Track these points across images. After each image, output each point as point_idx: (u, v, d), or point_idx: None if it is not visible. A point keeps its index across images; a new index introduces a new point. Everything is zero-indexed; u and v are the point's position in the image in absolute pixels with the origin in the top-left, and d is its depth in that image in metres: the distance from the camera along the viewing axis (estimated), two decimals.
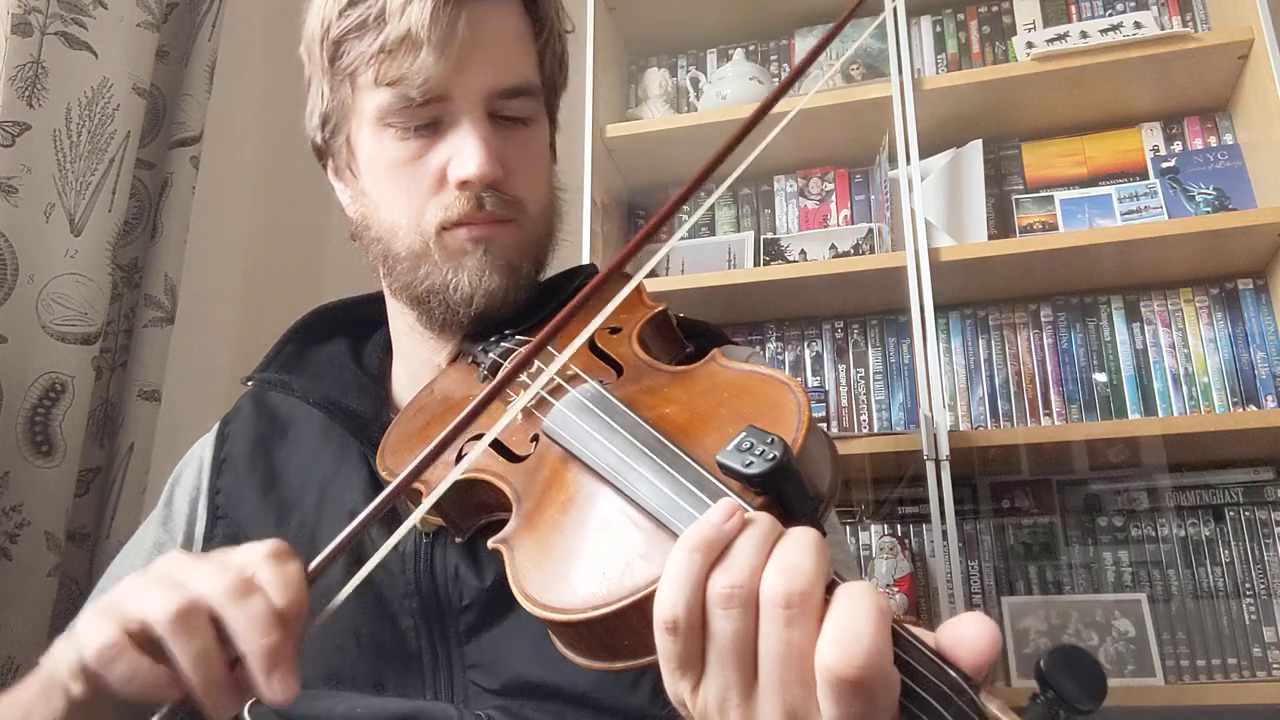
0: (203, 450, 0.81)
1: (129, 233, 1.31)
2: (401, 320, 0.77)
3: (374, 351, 0.83)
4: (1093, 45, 1.59)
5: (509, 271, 0.70)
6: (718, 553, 0.38)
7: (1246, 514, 1.53)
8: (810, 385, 1.75)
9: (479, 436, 0.60)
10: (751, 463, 0.44)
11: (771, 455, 0.43)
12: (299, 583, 0.46)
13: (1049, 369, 1.65)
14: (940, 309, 1.66)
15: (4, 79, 1.10)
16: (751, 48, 1.98)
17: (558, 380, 0.60)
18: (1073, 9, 1.80)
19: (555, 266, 0.79)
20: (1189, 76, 1.61)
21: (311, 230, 1.91)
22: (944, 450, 1.43)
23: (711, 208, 1.91)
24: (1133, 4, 1.77)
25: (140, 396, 1.29)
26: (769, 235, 1.83)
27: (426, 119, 0.68)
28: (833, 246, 1.75)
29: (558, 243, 0.77)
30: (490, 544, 0.52)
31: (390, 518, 0.69)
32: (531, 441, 0.58)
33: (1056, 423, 1.61)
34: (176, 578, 0.45)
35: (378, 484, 0.70)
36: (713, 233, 1.90)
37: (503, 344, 0.70)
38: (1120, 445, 1.53)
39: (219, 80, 1.44)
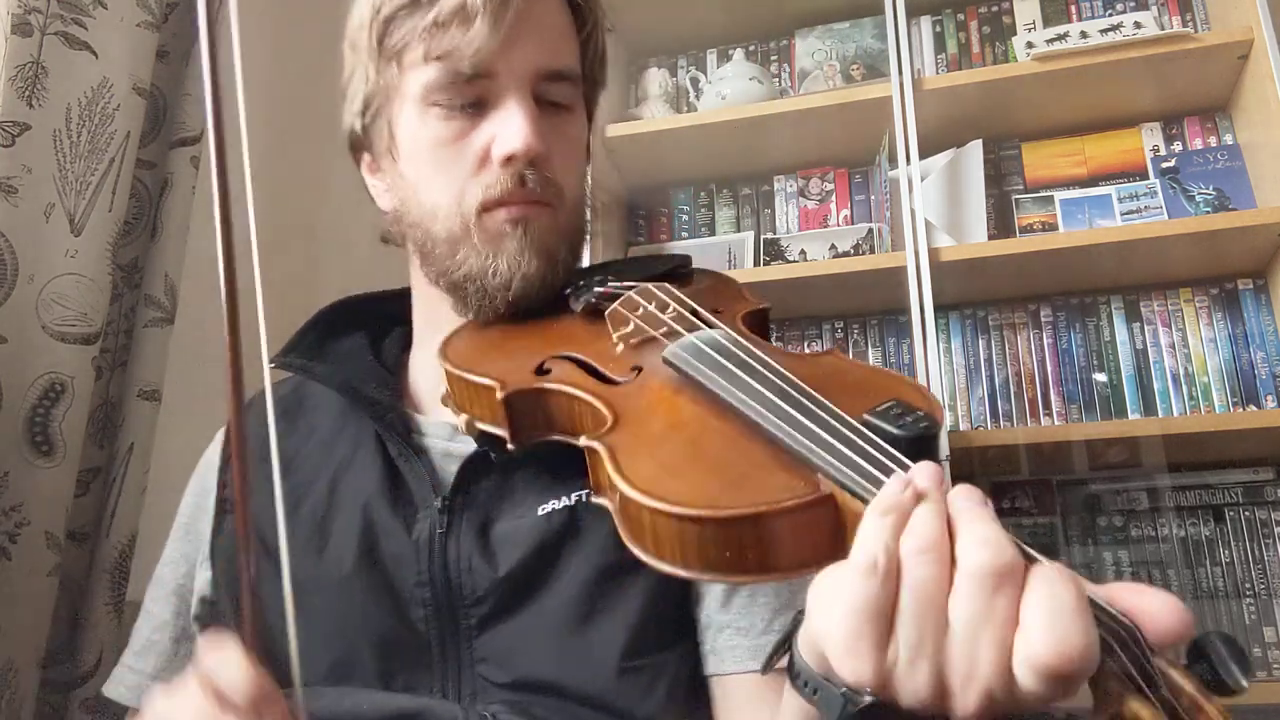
0: (211, 451, 0.82)
1: (129, 233, 1.30)
2: (436, 311, 0.76)
3: (392, 347, 0.83)
4: (1093, 45, 1.59)
5: (546, 256, 0.70)
6: (906, 518, 0.39)
7: (1246, 514, 1.53)
8: None
9: (569, 357, 0.61)
10: (903, 425, 0.44)
11: (923, 424, 0.44)
12: (242, 667, 0.48)
13: (1049, 369, 1.65)
14: (940, 309, 1.66)
15: (4, 79, 1.10)
16: (751, 48, 1.98)
17: (669, 325, 0.60)
18: (1073, 9, 1.80)
19: None
20: (1189, 76, 1.61)
21: (312, 230, 1.91)
22: (944, 450, 1.43)
23: (712, 207, 1.91)
24: (1133, 4, 1.77)
25: (140, 396, 1.28)
26: (769, 235, 1.83)
27: (472, 97, 0.69)
28: (833, 246, 1.75)
29: (587, 240, 0.78)
30: (583, 441, 0.51)
31: (396, 491, 0.70)
32: (632, 371, 0.58)
33: (1056, 423, 1.61)
34: None
35: (394, 471, 0.70)
36: (713, 233, 1.90)
37: (608, 284, 0.70)
38: (1120, 445, 1.53)
39: (219, 80, 1.44)
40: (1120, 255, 1.55)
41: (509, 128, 0.67)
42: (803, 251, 1.76)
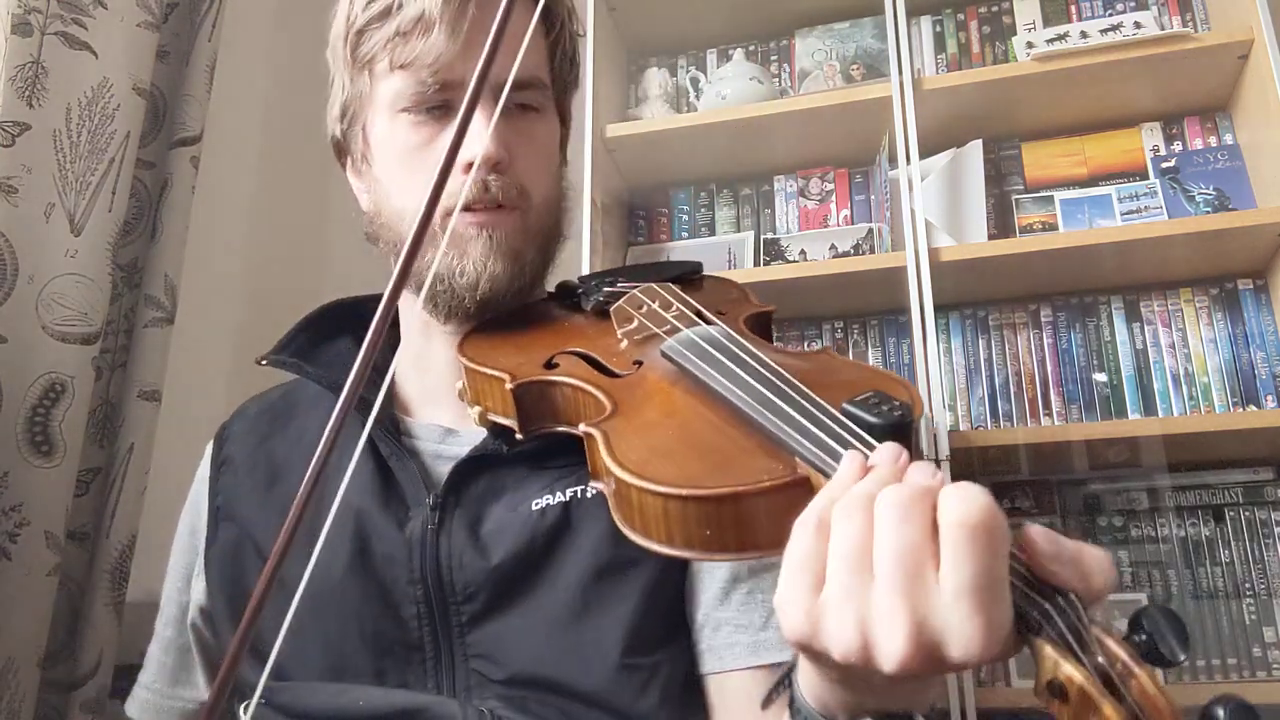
0: (203, 465, 0.83)
1: (129, 233, 1.31)
2: (414, 315, 0.77)
3: (381, 350, 0.84)
4: (1093, 45, 1.59)
5: (513, 258, 0.71)
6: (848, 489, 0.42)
7: (1246, 514, 1.53)
8: None
9: (575, 352, 0.64)
10: (880, 414, 0.46)
11: (898, 412, 0.46)
12: None
13: (1049, 369, 1.65)
14: (940, 309, 1.66)
15: (4, 79, 1.10)
16: (751, 48, 1.97)
17: (670, 323, 0.63)
18: (1073, 9, 1.80)
19: (557, 266, 0.79)
20: (1189, 76, 1.61)
21: (312, 230, 1.91)
22: (944, 450, 1.43)
23: (712, 207, 1.91)
24: (1133, 4, 1.77)
25: (140, 396, 1.29)
26: (769, 235, 1.83)
27: (437, 102, 0.71)
28: (833, 246, 1.75)
29: (564, 241, 0.79)
30: (582, 428, 0.53)
31: (387, 492, 0.71)
32: (634, 364, 0.61)
33: (1056, 423, 1.61)
34: None
35: (384, 475, 0.72)
36: (713, 233, 1.90)
37: (618, 284, 0.72)
38: (1120, 445, 1.53)
39: (219, 80, 1.44)
40: (1120, 255, 1.55)
41: (469, 135, 0.69)
42: (803, 251, 1.76)
